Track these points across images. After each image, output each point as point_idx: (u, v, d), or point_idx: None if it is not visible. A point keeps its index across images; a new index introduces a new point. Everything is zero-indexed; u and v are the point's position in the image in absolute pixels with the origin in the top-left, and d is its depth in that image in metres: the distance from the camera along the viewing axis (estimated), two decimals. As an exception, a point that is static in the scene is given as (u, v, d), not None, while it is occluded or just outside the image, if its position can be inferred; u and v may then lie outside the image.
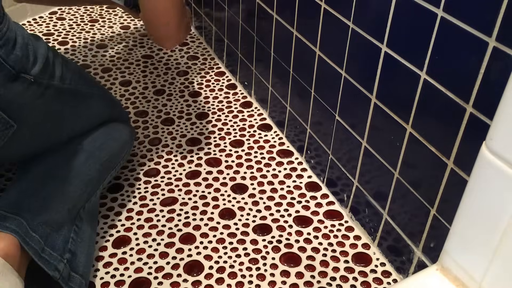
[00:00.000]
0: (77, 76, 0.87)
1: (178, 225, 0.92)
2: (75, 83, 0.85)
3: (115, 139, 0.93)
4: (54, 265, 0.72)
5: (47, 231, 0.74)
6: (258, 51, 1.14)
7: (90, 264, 0.81)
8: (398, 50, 0.70)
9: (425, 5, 0.63)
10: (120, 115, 0.99)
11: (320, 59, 0.90)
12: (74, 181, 0.82)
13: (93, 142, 0.88)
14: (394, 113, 0.74)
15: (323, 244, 0.89)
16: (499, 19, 0.54)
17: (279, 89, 1.10)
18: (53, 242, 0.74)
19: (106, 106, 0.95)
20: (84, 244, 0.80)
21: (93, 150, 0.87)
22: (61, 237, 0.76)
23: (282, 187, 1.00)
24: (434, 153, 0.68)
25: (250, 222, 0.93)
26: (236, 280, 0.83)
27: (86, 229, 0.82)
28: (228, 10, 1.23)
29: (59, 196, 0.79)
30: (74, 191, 0.81)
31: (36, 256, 0.70)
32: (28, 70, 0.73)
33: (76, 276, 0.75)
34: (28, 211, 0.74)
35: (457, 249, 0.53)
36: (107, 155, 0.90)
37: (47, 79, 0.77)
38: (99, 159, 0.88)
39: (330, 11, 0.83)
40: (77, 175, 0.83)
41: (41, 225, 0.73)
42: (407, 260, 0.80)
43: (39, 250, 0.71)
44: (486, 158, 0.46)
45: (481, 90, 0.59)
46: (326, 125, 0.94)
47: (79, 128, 0.88)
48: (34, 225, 0.73)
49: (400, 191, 0.78)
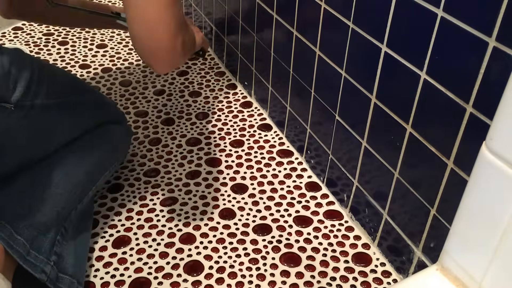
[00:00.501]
0: (65, 87, 0.84)
1: (178, 225, 0.92)
2: (63, 95, 0.82)
3: (107, 140, 0.91)
4: (40, 268, 0.72)
5: (33, 234, 0.73)
6: (258, 51, 1.14)
7: (82, 264, 0.80)
8: (398, 50, 0.70)
9: (425, 5, 0.63)
10: (115, 116, 0.98)
11: (320, 59, 0.90)
12: (62, 184, 0.81)
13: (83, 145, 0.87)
14: (394, 113, 0.74)
15: (323, 244, 0.89)
16: (499, 19, 0.54)
17: (279, 89, 1.10)
18: (39, 244, 0.74)
19: (97, 111, 0.93)
20: (71, 246, 0.79)
21: (82, 153, 0.86)
22: (48, 240, 0.75)
23: (282, 187, 1.00)
24: (434, 153, 0.68)
25: (250, 222, 0.93)
26: (236, 280, 0.83)
27: (76, 231, 0.82)
28: (228, 10, 1.23)
29: (46, 199, 0.78)
30: (62, 193, 0.80)
31: (21, 260, 0.70)
32: (8, 98, 0.71)
33: (65, 276, 0.75)
34: (12, 214, 0.73)
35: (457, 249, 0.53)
36: (98, 157, 0.89)
37: (30, 100, 0.74)
38: (89, 161, 0.87)
39: (330, 11, 0.83)
40: (65, 177, 0.82)
41: (26, 228, 0.73)
42: (407, 260, 0.80)
43: (24, 253, 0.71)
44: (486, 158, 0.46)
45: (481, 90, 0.59)
46: (326, 125, 0.94)
47: (70, 137, 0.85)
48: (19, 228, 0.72)
49: (400, 191, 0.78)
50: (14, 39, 1.43)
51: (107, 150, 0.91)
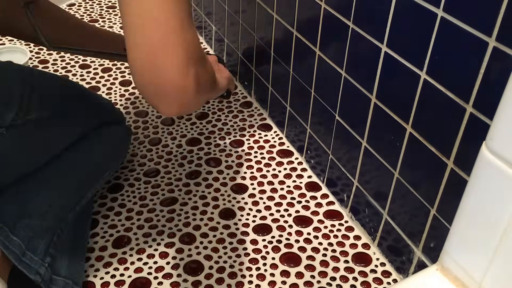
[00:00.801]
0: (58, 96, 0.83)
1: (178, 225, 0.92)
2: (58, 105, 0.81)
3: (106, 141, 0.91)
4: (35, 269, 0.71)
5: (29, 235, 0.73)
6: (258, 51, 1.14)
7: (80, 264, 0.80)
8: (398, 50, 0.70)
9: (425, 5, 0.63)
10: (113, 116, 0.98)
11: (320, 59, 0.90)
12: (60, 186, 0.81)
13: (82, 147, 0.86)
14: (394, 113, 0.74)
15: (323, 244, 0.89)
16: (499, 19, 0.54)
17: (279, 89, 1.10)
18: (35, 246, 0.73)
19: (95, 113, 0.92)
20: (66, 247, 0.79)
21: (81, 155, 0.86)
22: (44, 241, 0.75)
23: (282, 187, 1.00)
24: (434, 153, 0.68)
25: (250, 222, 0.93)
26: (236, 280, 0.83)
27: (73, 231, 0.82)
28: (229, 10, 1.23)
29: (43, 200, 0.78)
30: (59, 195, 0.80)
31: (17, 261, 0.70)
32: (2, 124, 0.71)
33: (59, 278, 0.75)
34: (9, 215, 0.73)
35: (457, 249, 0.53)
36: (98, 158, 0.88)
37: (22, 118, 0.73)
38: (88, 163, 0.86)
39: (330, 11, 0.83)
40: (63, 180, 0.82)
41: (22, 229, 0.73)
42: (407, 260, 0.80)
43: (20, 254, 0.71)
44: (486, 158, 0.46)
45: (481, 90, 0.59)
46: (326, 125, 0.94)
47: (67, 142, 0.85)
48: (16, 229, 0.72)
49: (400, 191, 0.78)
50: (14, 39, 1.43)
51: (107, 151, 0.91)
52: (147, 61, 0.52)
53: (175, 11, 0.51)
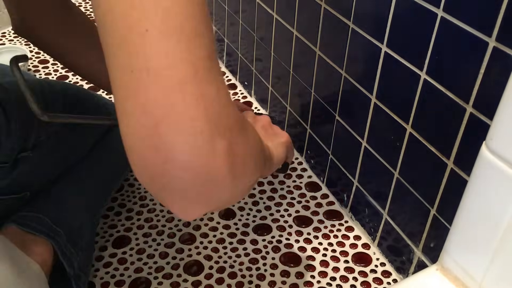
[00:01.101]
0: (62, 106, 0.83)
1: (178, 225, 0.92)
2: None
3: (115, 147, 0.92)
4: (71, 261, 0.75)
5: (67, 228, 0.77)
6: (258, 51, 1.14)
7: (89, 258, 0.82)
8: (398, 50, 0.70)
9: (425, 5, 0.63)
10: None
11: (320, 59, 0.90)
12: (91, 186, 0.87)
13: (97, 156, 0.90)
14: (394, 113, 0.74)
15: (323, 244, 0.89)
16: (499, 19, 0.54)
17: (279, 89, 1.10)
18: (75, 239, 0.77)
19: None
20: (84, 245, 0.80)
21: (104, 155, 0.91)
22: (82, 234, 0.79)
23: (282, 187, 1.00)
24: (434, 153, 0.68)
25: (250, 222, 0.93)
26: (236, 280, 0.83)
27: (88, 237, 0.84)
28: (228, 10, 1.23)
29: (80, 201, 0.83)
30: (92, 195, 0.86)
31: (60, 251, 0.73)
32: (27, 147, 0.74)
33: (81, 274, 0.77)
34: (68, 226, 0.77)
35: (457, 249, 0.53)
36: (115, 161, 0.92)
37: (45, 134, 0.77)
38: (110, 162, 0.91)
39: (330, 11, 0.83)
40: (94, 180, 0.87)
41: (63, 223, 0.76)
42: (407, 260, 0.80)
43: (63, 245, 0.74)
44: (486, 158, 0.46)
45: (481, 90, 0.59)
46: (326, 125, 0.94)
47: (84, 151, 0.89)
48: (57, 223, 0.76)
49: (400, 191, 0.78)
50: (14, 39, 1.43)
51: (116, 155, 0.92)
52: (146, 136, 0.33)
53: (186, 54, 0.33)
